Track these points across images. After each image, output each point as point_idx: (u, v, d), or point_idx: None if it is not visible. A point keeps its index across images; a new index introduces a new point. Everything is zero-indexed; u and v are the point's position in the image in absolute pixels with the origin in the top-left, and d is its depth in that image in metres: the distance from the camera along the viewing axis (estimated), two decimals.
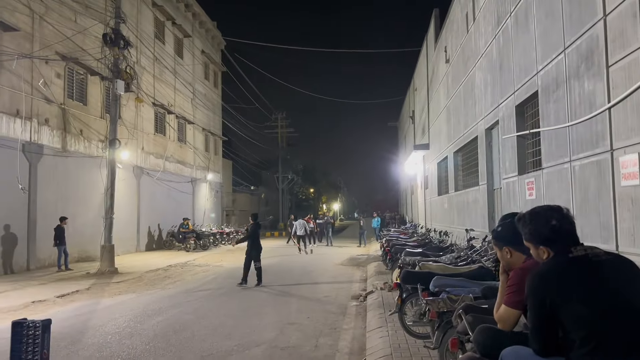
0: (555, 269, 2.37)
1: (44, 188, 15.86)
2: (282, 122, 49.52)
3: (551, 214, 2.51)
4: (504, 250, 2.99)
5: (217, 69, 35.07)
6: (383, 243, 15.20)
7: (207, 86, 32.69)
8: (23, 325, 4.27)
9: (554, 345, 2.35)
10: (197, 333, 7.45)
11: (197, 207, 30.18)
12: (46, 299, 10.39)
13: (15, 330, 4.26)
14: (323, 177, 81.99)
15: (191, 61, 29.40)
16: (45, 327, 4.29)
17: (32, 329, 4.27)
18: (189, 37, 28.92)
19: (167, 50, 25.77)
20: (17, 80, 14.66)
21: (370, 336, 6.85)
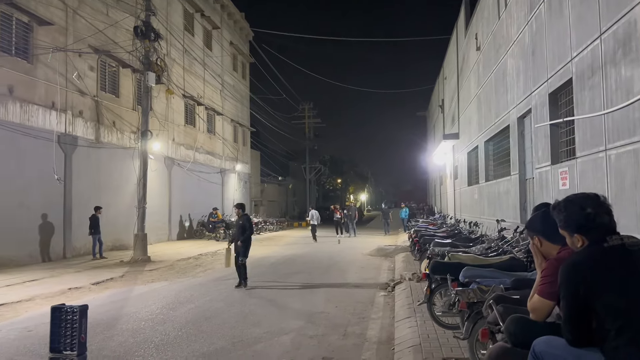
0: (590, 258, 2.33)
1: (79, 178, 16.32)
2: (309, 112, 49.51)
3: (586, 201, 2.46)
4: (535, 239, 2.95)
5: (245, 60, 35.28)
6: (411, 234, 15.13)
7: (235, 77, 32.94)
8: (62, 311, 4.43)
9: (587, 335, 2.32)
10: (227, 320, 7.59)
11: (226, 198, 30.58)
12: (82, 286, 10.74)
13: (55, 315, 4.43)
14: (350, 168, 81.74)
15: (220, 53, 29.64)
16: (82, 312, 4.44)
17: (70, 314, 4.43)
18: (218, 29, 29.15)
19: (196, 42, 26.06)
20: (52, 73, 15.07)
21: (399, 326, 6.85)
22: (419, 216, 28.87)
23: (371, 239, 23.97)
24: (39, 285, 10.83)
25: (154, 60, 15.94)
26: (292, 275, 12.36)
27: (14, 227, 13.62)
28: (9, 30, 13.76)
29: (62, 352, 4.31)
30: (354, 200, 73.94)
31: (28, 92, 14.18)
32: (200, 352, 5.95)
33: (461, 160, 21.38)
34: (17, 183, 13.77)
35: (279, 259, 16.15)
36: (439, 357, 5.19)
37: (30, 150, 14.21)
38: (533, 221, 3.00)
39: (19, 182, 13.81)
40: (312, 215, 24.06)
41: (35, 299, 9.38)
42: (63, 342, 4.38)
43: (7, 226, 13.37)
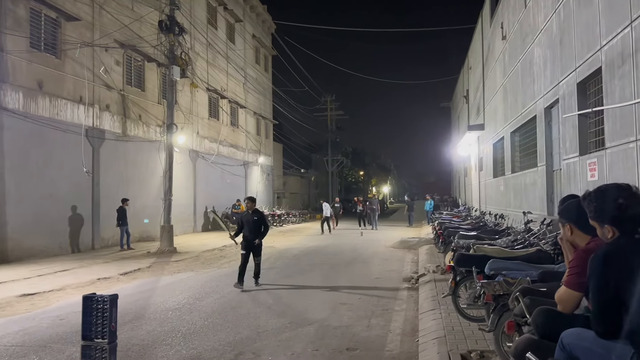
0: (621, 249, 2.30)
1: (106, 171, 16.66)
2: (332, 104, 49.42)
3: (618, 192, 2.42)
4: (566, 227, 2.92)
5: (267, 53, 35.37)
6: (435, 226, 15.03)
7: (258, 70, 33.07)
8: (93, 300, 4.56)
9: (617, 328, 2.29)
10: (252, 310, 7.69)
11: (249, 190, 30.82)
12: (111, 276, 11.01)
13: (86, 304, 4.56)
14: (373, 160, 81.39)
15: (242, 46, 29.78)
16: (112, 301, 4.57)
17: (101, 303, 4.55)
18: (240, 22, 29.27)
19: (219, 36, 26.22)
20: (79, 68, 15.38)
21: (423, 318, 6.85)
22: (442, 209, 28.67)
23: (394, 232, 23.90)
24: (69, 275, 11.14)
25: (179, 54, 16.12)
26: (315, 267, 12.43)
27: (45, 218, 14.01)
28: (38, 26, 14.07)
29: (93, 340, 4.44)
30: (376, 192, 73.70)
31: (57, 86, 14.51)
32: (227, 341, 6.05)
33: (486, 151, 21.10)
34: (48, 175, 14.14)
35: (302, 250, 16.25)
36: (464, 349, 5.18)
37: (60, 144, 14.56)
38: (566, 209, 2.95)
39: (49, 174, 14.18)
40: (325, 208, 24.47)
41: (66, 288, 9.65)
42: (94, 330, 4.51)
43: (38, 218, 13.76)
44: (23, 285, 9.80)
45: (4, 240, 12.72)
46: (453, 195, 45.44)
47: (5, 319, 7.23)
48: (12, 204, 12.92)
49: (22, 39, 13.22)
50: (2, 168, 12.68)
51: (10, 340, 6.09)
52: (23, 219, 13.23)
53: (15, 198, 13.03)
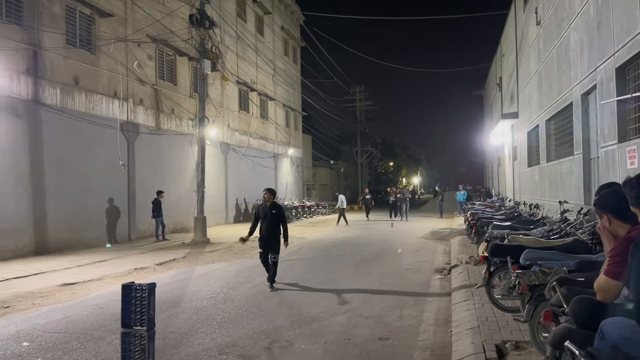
0: None
1: (141, 164, 17.06)
2: (361, 95, 49.16)
3: None
4: (603, 217, 2.86)
5: (296, 44, 35.40)
6: (468, 217, 14.86)
7: (286, 62, 33.15)
8: (131, 288, 4.70)
9: None
10: (284, 300, 7.80)
11: (279, 182, 31.05)
12: (147, 267, 11.31)
13: (125, 293, 4.69)
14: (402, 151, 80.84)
15: (271, 38, 29.88)
16: (150, 290, 4.69)
17: (140, 291, 4.69)
18: (269, 14, 29.35)
19: (248, 28, 26.37)
20: (113, 63, 15.74)
21: (456, 309, 6.81)
22: (475, 199, 28.30)
23: (425, 223, 23.72)
24: (107, 265, 11.50)
25: (209, 47, 16.31)
26: (346, 258, 12.47)
27: (83, 211, 14.46)
28: (74, 23, 14.45)
29: (132, 328, 4.58)
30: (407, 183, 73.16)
31: (92, 82, 14.89)
32: (260, 329, 6.16)
33: (520, 140, 20.67)
34: (85, 169, 14.57)
35: (332, 241, 16.31)
36: (499, 340, 5.13)
37: (96, 138, 14.96)
38: (603, 199, 2.89)
39: (86, 168, 14.60)
40: (340, 200, 24.77)
41: (105, 278, 9.97)
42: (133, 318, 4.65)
43: (77, 210, 14.21)
44: (64, 275, 10.17)
45: (45, 232, 13.20)
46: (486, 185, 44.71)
47: (48, 307, 7.52)
48: (51, 196, 13.38)
49: (58, 35, 13.61)
50: (41, 162, 13.13)
51: (54, 327, 6.34)
52: (62, 211, 13.69)
53: (55, 191, 13.49)
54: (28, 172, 12.79)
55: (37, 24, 12.95)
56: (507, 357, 4.76)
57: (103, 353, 5.30)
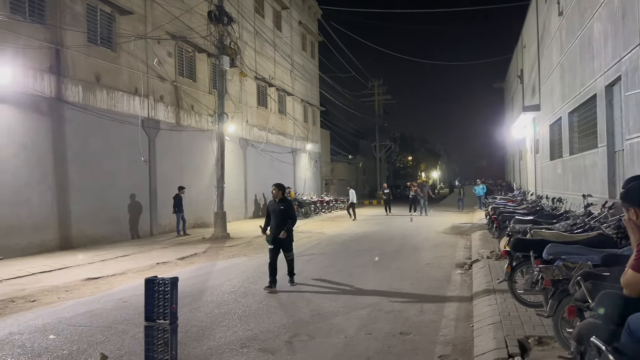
0: None
1: (162, 160, 17.26)
2: (379, 89, 48.92)
3: None
4: (630, 211, 2.80)
5: (314, 39, 35.34)
6: (489, 211, 14.71)
7: (304, 57, 33.12)
8: (154, 282, 4.77)
9: None
10: (304, 294, 7.83)
11: (298, 177, 31.12)
12: (169, 261, 11.46)
13: (148, 287, 4.77)
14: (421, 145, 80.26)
15: (289, 33, 29.87)
16: (173, 284, 4.76)
17: (162, 285, 4.76)
18: (287, 9, 29.33)
19: (266, 24, 26.40)
20: (134, 60, 15.92)
21: (478, 303, 6.76)
22: (496, 193, 27.99)
23: (445, 217, 23.55)
24: (130, 260, 11.68)
25: (228, 43, 16.39)
26: (365, 253, 12.46)
27: (106, 206, 14.70)
28: (94, 21, 14.65)
29: (155, 321, 4.66)
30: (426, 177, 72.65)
31: (113, 79, 15.09)
32: (281, 323, 6.20)
33: (542, 133, 20.34)
34: (107, 165, 14.79)
35: (351, 236, 16.30)
36: (521, 335, 5.08)
37: (118, 135, 15.17)
38: (630, 192, 2.82)
39: (108, 164, 14.82)
40: (351, 195, 24.88)
41: (128, 272, 10.13)
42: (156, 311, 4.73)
43: (100, 206, 14.44)
44: (87, 269, 10.37)
45: (69, 227, 13.46)
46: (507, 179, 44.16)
47: (73, 301, 7.68)
48: (75, 192, 13.63)
49: (79, 34, 13.81)
50: (65, 159, 13.38)
51: (78, 320, 6.47)
52: (85, 207, 13.93)
53: (78, 187, 13.73)
54: (52, 169, 13.04)
55: (59, 22, 13.16)
56: (530, 352, 4.71)
57: (127, 346, 5.40)
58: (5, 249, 11.51)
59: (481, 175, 44.83)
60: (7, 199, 11.74)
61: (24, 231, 12.11)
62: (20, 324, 6.33)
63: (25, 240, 12.11)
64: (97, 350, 5.21)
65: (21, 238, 12.00)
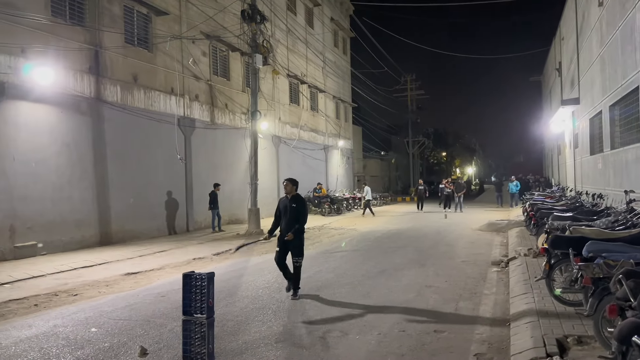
0: None
1: (197, 158, 17.58)
2: (412, 84, 48.39)
3: None
4: None
5: (345, 35, 35.25)
6: (526, 207, 14.42)
7: (336, 54, 33.09)
8: (192, 277, 4.89)
9: None
10: (337, 291, 7.85)
11: (330, 173, 31.15)
12: (204, 257, 11.68)
13: (186, 282, 4.90)
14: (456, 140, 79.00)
15: (321, 30, 29.89)
16: (209, 279, 4.87)
17: (199, 280, 4.88)
18: (319, 6, 29.35)
19: (298, 21, 26.50)
20: (170, 60, 16.25)
21: (515, 302, 6.64)
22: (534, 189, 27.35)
23: (480, 214, 23.15)
24: (167, 255, 11.96)
25: (260, 42, 16.52)
26: (398, 250, 12.39)
27: (144, 203, 15.07)
28: (131, 22, 15.02)
29: (193, 315, 4.78)
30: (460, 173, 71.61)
31: (150, 79, 15.45)
32: (314, 319, 6.25)
33: (582, 127, 19.75)
34: (145, 163, 15.16)
35: (384, 233, 16.23)
36: (560, 334, 4.97)
37: (154, 133, 15.53)
38: None
39: (146, 162, 15.20)
40: (366, 191, 24.82)
41: (165, 268, 10.39)
42: (194, 306, 4.84)
43: (138, 202, 14.83)
44: (127, 264, 10.67)
45: (108, 224, 13.88)
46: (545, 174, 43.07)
47: (113, 295, 7.93)
48: (114, 190, 14.03)
49: (117, 35, 14.18)
50: (104, 157, 13.79)
51: (118, 314, 6.68)
52: (124, 203, 14.33)
53: (117, 184, 14.13)
54: (92, 167, 13.46)
55: (98, 24, 13.54)
56: (569, 352, 4.61)
57: (165, 339, 5.54)
58: (48, 245, 11.97)
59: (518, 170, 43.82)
60: (50, 196, 12.19)
61: (66, 227, 12.55)
62: (64, 317, 6.58)
63: (67, 236, 12.56)
64: (137, 344, 5.37)
65: (63, 234, 12.44)
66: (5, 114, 11.20)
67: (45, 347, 5.42)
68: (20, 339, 5.70)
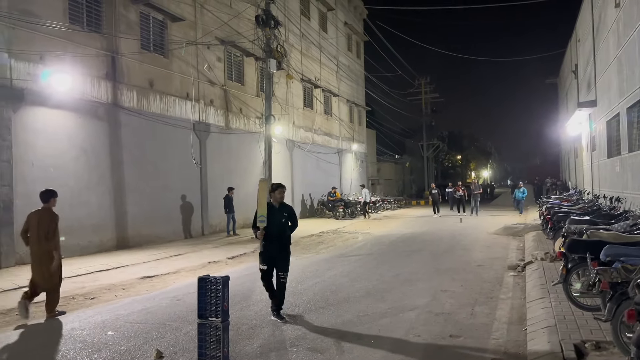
0: None
1: (212, 162, 17.69)
2: (426, 87, 48.18)
3: None
4: None
5: (359, 39, 35.25)
6: (543, 211, 14.28)
7: (350, 57, 33.11)
8: (207, 281, 4.92)
9: None
10: (352, 295, 7.83)
11: (344, 177, 31.12)
12: (219, 260, 11.74)
13: (201, 285, 4.93)
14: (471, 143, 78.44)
15: (335, 34, 29.94)
16: (224, 282, 4.90)
17: (214, 284, 4.90)
18: (332, 10, 29.42)
19: (312, 26, 26.58)
20: (185, 66, 16.41)
21: (531, 306, 6.56)
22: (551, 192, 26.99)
23: (496, 218, 22.93)
24: (183, 259, 12.04)
25: (275, 47, 16.61)
26: (413, 253, 12.33)
27: (160, 207, 15.20)
28: (147, 28, 15.20)
29: (208, 319, 4.80)
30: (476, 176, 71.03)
31: (166, 84, 15.61)
32: (329, 323, 6.24)
33: (599, 129, 19.47)
34: (161, 168, 15.30)
35: (399, 237, 16.16)
36: (577, 339, 4.90)
37: (170, 138, 15.67)
38: None
39: (162, 166, 15.34)
40: (364, 194, 24.98)
41: (181, 271, 10.46)
42: (209, 309, 4.87)
43: (155, 207, 14.96)
44: (143, 268, 10.77)
45: (125, 228, 14.02)
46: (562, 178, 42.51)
47: (130, 299, 8.01)
48: (131, 194, 14.18)
49: (133, 41, 14.36)
50: (121, 162, 13.95)
51: (135, 317, 6.74)
52: (141, 208, 14.47)
53: (134, 189, 14.28)
54: (109, 171, 13.63)
55: (115, 31, 13.73)
56: (587, 357, 4.54)
57: (180, 343, 5.58)
58: (66, 249, 12.03)
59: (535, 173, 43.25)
60: (68, 201, 12.32)
61: (84, 231, 12.70)
62: (82, 320, 6.66)
63: (85, 240, 12.71)
64: (153, 347, 5.41)
65: (81, 238, 12.59)
66: (24, 120, 11.40)
67: (63, 350, 5.49)
68: (38, 342, 5.78)
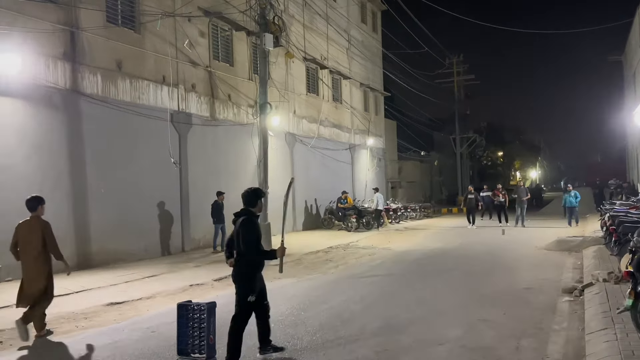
0: None
1: (195, 161, 17.73)
2: (459, 67, 48.08)
3: None
4: None
5: (375, 8, 35.25)
6: (605, 221, 14.23)
7: (364, 31, 33.12)
8: (188, 308, 4.95)
9: None
10: (367, 325, 7.82)
11: (357, 179, 31.11)
12: (204, 283, 11.77)
13: (181, 313, 4.95)
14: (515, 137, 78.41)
15: (345, 2, 29.96)
16: (210, 310, 4.92)
17: (197, 312, 4.94)
18: None
19: None
20: (161, 43, 16.46)
21: (591, 339, 6.56)
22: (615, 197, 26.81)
23: (546, 230, 22.83)
24: (158, 281, 12.07)
25: (271, 18, 16.60)
26: (443, 274, 12.30)
27: (130, 217, 15.15)
28: None
29: (189, 355, 4.82)
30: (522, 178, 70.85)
31: (137, 66, 15.68)
32: None
33: None
34: (131, 168, 15.33)
35: (425, 253, 16.13)
36: None
37: (143, 132, 15.71)
38: None
39: (133, 167, 15.37)
40: (377, 199, 24.93)
41: (156, 296, 10.48)
42: (191, 343, 4.90)
43: (124, 217, 14.90)
44: (110, 292, 10.79)
45: (88, 242, 14.07)
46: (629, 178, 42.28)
47: (93, 330, 8.03)
48: (94, 201, 14.21)
49: (97, 13, 14.38)
50: (82, 161, 13.99)
51: (99, 353, 6.76)
52: (107, 218, 14.49)
53: (98, 195, 14.31)
54: (68, 173, 13.67)
55: (74, 0, 13.78)
56: None
57: None
58: (14, 269, 12.11)
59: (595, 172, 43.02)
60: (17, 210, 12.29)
61: None
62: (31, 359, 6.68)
63: None
64: None
65: None
66: None
67: None
68: None
